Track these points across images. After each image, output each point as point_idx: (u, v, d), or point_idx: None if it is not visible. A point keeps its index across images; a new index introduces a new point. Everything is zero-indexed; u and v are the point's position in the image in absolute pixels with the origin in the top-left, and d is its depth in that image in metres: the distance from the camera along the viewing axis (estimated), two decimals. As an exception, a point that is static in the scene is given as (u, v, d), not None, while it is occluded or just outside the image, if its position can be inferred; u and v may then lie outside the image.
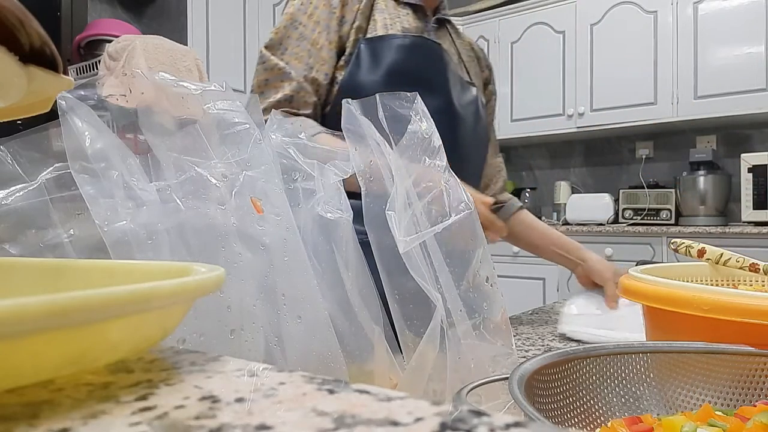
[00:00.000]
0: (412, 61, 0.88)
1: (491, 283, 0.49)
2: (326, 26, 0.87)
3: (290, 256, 0.47)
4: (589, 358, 0.39)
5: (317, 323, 0.47)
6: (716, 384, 0.39)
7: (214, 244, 0.46)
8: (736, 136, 3.15)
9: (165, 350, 0.27)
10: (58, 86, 0.31)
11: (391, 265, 0.48)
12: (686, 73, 2.94)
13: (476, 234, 0.48)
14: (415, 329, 0.48)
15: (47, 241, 0.43)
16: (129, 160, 0.44)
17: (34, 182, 0.43)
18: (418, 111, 0.50)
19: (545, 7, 3.40)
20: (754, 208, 2.67)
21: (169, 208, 0.45)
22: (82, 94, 0.43)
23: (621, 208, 3.15)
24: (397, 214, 0.45)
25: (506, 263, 3.19)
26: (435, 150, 0.49)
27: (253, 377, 0.22)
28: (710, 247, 0.67)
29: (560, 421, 0.36)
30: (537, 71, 3.41)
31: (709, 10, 2.88)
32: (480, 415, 0.17)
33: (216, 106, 0.48)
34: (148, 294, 0.21)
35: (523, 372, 0.33)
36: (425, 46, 0.91)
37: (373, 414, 0.18)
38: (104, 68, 2.05)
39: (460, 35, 1.06)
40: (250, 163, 0.48)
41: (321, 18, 0.87)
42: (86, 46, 2.38)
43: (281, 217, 0.48)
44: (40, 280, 0.35)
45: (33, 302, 0.17)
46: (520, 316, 0.90)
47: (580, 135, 3.40)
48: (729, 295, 0.45)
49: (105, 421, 0.18)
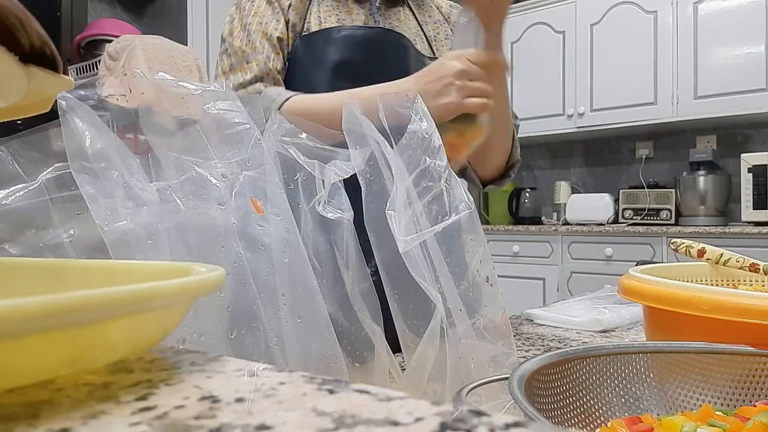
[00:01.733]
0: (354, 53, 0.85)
1: (491, 283, 0.49)
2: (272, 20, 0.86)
3: (290, 256, 0.47)
4: (589, 358, 0.39)
5: (317, 323, 0.47)
6: (716, 384, 0.39)
7: (214, 244, 0.46)
8: (736, 136, 3.15)
9: (165, 350, 0.27)
10: (58, 86, 0.31)
11: (391, 264, 0.47)
12: (686, 73, 2.94)
13: (477, 233, 0.48)
14: (415, 329, 0.48)
15: (47, 241, 0.43)
16: (129, 160, 0.44)
17: (34, 182, 0.43)
18: (418, 111, 0.50)
19: (545, 7, 3.40)
20: (754, 208, 2.68)
21: (169, 208, 0.45)
22: (82, 94, 0.43)
23: (621, 208, 3.15)
24: (397, 214, 0.45)
25: (506, 263, 3.19)
26: (435, 150, 0.49)
27: (253, 377, 0.22)
28: (710, 247, 0.67)
29: (560, 421, 0.36)
30: (537, 71, 3.41)
31: (709, 10, 2.88)
32: (480, 415, 0.17)
33: (216, 106, 0.48)
34: (148, 294, 0.21)
35: (523, 372, 0.33)
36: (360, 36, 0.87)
37: (373, 414, 0.18)
38: (104, 68, 2.05)
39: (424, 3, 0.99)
40: (250, 163, 0.48)
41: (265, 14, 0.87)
42: (86, 46, 2.38)
43: (281, 217, 0.48)
44: (40, 280, 0.35)
45: (33, 302, 0.17)
46: (520, 315, 0.90)
47: (580, 135, 3.41)
48: (729, 295, 0.45)
49: (105, 421, 0.18)
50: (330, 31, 0.85)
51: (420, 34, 0.95)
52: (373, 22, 0.90)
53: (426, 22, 0.97)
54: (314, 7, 0.88)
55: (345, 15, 0.89)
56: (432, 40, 0.96)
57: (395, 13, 0.94)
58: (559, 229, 3.06)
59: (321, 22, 0.87)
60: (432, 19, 0.98)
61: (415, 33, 0.94)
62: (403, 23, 0.94)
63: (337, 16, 0.89)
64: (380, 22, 0.91)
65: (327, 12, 0.88)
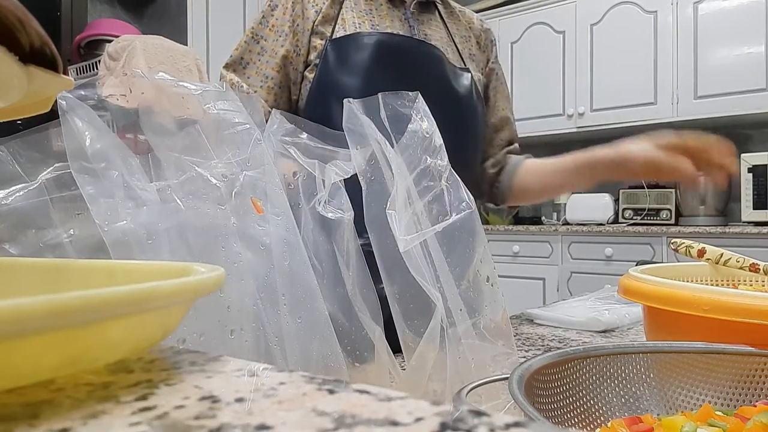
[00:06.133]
0: (383, 59, 0.83)
1: (492, 282, 0.49)
2: (284, 33, 0.85)
3: (290, 256, 0.47)
4: (589, 358, 0.39)
5: (317, 323, 0.47)
6: (716, 384, 0.39)
7: (214, 244, 0.46)
8: (736, 136, 3.14)
9: (165, 350, 0.27)
10: (58, 86, 0.31)
11: (392, 264, 0.47)
12: (686, 73, 2.94)
13: (477, 233, 0.48)
14: (415, 329, 0.48)
15: (47, 241, 0.43)
16: (129, 160, 0.44)
17: (34, 182, 0.43)
18: (419, 110, 0.50)
19: (545, 7, 3.40)
20: (754, 208, 2.68)
21: (169, 208, 0.45)
22: (82, 94, 0.43)
23: (621, 208, 3.15)
24: (397, 213, 0.45)
25: (506, 263, 3.19)
26: (436, 149, 0.49)
27: (253, 377, 0.22)
28: (710, 247, 0.67)
29: (560, 421, 0.36)
30: (537, 71, 3.41)
31: (709, 10, 2.88)
32: (480, 415, 0.17)
33: (216, 106, 0.48)
34: (148, 294, 0.21)
35: (523, 372, 0.33)
36: (392, 43, 0.84)
37: (373, 414, 0.18)
38: (104, 68, 2.05)
39: (454, 14, 0.98)
40: (250, 163, 0.48)
41: (282, 26, 0.85)
42: (86, 46, 2.38)
43: (281, 217, 0.48)
44: (40, 280, 0.35)
45: (33, 302, 0.17)
46: (520, 315, 0.90)
47: (580, 135, 3.40)
48: (729, 295, 0.45)
49: (105, 421, 0.18)
50: (361, 35, 0.83)
51: (451, 44, 0.94)
52: (407, 27, 0.88)
53: (455, 33, 0.96)
54: (347, 12, 0.85)
55: (379, 20, 0.86)
56: (461, 51, 0.95)
57: (428, 20, 0.92)
58: (559, 229, 3.06)
59: (355, 26, 0.84)
60: (459, 31, 0.97)
61: (446, 42, 0.93)
62: (435, 32, 0.92)
63: (371, 21, 0.86)
64: (415, 28, 0.89)
65: (360, 17, 0.86)
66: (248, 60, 0.86)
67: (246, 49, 0.87)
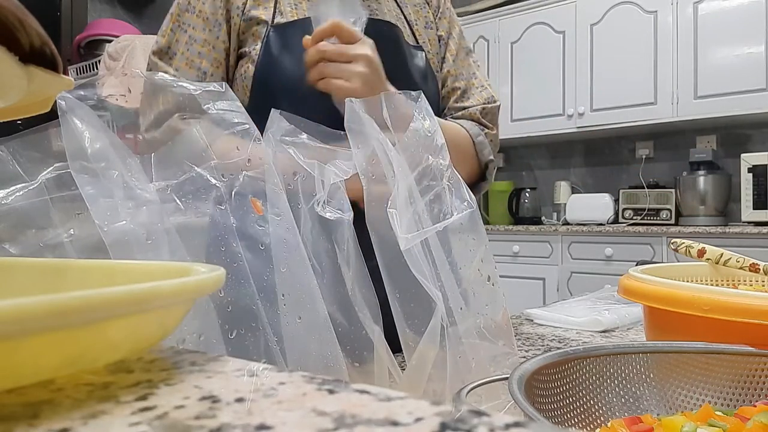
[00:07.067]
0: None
1: (493, 282, 0.49)
2: (216, 22, 0.77)
3: (290, 256, 0.47)
4: (589, 358, 0.39)
5: (317, 323, 0.47)
6: (716, 384, 0.39)
7: (214, 244, 0.46)
8: (736, 136, 3.15)
9: (165, 350, 0.27)
10: (58, 86, 0.31)
11: (392, 263, 0.47)
12: (686, 73, 2.94)
13: (478, 233, 0.48)
14: (415, 328, 0.48)
15: (47, 241, 0.43)
16: (129, 160, 0.44)
17: (34, 182, 0.43)
18: (421, 109, 0.50)
19: (545, 7, 3.40)
20: (754, 208, 2.68)
21: (169, 208, 0.45)
22: (82, 94, 0.43)
23: (621, 208, 3.15)
24: (398, 212, 0.45)
25: (506, 263, 3.19)
26: (438, 148, 0.49)
27: (253, 377, 0.22)
28: (710, 247, 0.67)
29: (560, 421, 0.36)
30: (537, 71, 3.41)
31: (709, 10, 2.88)
32: (480, 415, 0.17)
33: (216, 106, 0.48)
34: (148, 294, 0.21)
35: (523, 372, 0.33)
36: None
37: (373, 414, 0.18)
38: (104, 68, 2.06)
39: None
40: (250, 163, 0.48)
41: (210, 13, 0.77)
42: (86, 46, 2.38)
43: (281, 217, 0.48)
44: (40, 280, 0.35)
45: (33, 302, 0.17)
46: (520, 315, 0.90)
47: (580, 135, 3.40)
48: (729, 295, 0.45)
49: (105, 421, 0.18)
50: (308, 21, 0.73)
51: (401, 19, 0.85)
52: None
53: (405, 5, 0.87)
54: None
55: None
56: (413, 24, 0.86)
57: None
58: (559, 229, 3.06)
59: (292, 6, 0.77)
60: (412, 1, 0.89)
61: (395, 17, 0.84)
62: (383, 5, 0.83)
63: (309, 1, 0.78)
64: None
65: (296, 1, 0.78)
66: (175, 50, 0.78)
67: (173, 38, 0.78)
